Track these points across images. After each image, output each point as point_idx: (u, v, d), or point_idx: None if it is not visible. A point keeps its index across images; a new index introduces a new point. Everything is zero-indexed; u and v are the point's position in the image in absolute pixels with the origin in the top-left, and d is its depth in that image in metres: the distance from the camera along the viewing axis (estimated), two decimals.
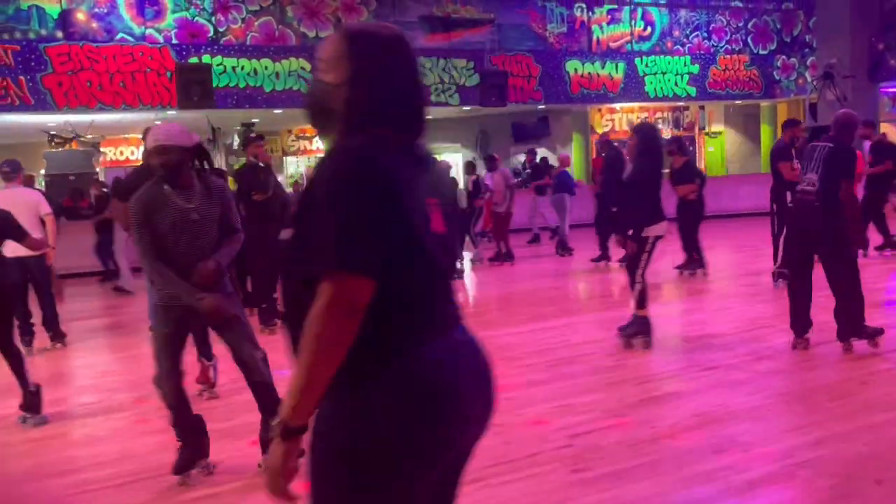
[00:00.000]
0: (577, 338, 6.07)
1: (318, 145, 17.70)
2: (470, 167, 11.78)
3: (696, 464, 3.46)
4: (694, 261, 8.59)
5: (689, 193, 8.39)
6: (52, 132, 16.76)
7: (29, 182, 7.92)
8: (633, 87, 17.56)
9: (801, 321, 5.17)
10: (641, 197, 5.41)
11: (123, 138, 17.92)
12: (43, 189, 13.59)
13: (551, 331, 6.39)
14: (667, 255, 8.28)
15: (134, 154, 18.56)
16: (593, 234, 10.38)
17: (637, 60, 17.63)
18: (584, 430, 3.95)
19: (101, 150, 17.70)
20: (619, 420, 4.09)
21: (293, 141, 19.21)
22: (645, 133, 5.69)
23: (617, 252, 7.78)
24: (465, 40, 16.32)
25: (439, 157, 5.90)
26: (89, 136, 17.73)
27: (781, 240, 6.96)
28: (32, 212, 6.33)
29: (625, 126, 19.79)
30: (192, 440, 3.52)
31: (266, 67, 14.95)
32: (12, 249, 6.24)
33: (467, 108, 16.42)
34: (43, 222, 6.45)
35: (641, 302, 5.42)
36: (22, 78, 13.30)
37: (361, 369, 1.42)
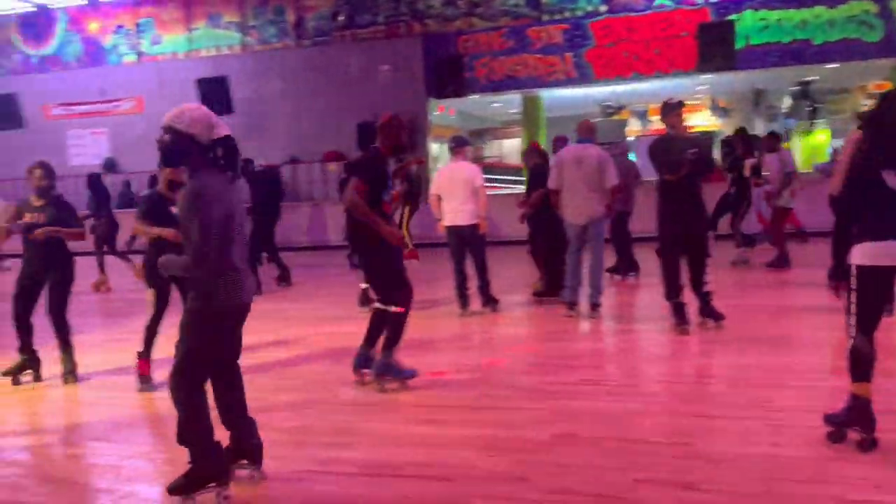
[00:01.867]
0: None
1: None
2: (747, 148, 9.32)
3: None
4: None
5: None
6: (606, 103, 17.82)
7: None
8: None
9: None
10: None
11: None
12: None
13: None
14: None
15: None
16: None
17: None
18: None
19: (649, 119, 18.02)
20: None
21: (865, 99, 16.13)
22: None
23: None
24: None
25: None
26: (637, 106, 18.28)
27: None
28: (468, 185, 6.75)
29: None
30: None
31: (818, 16, 12.80)
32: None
33: None
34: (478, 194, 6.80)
35: (856, 370, 3.27)
36: (568, 54, 14.37)
37: None
